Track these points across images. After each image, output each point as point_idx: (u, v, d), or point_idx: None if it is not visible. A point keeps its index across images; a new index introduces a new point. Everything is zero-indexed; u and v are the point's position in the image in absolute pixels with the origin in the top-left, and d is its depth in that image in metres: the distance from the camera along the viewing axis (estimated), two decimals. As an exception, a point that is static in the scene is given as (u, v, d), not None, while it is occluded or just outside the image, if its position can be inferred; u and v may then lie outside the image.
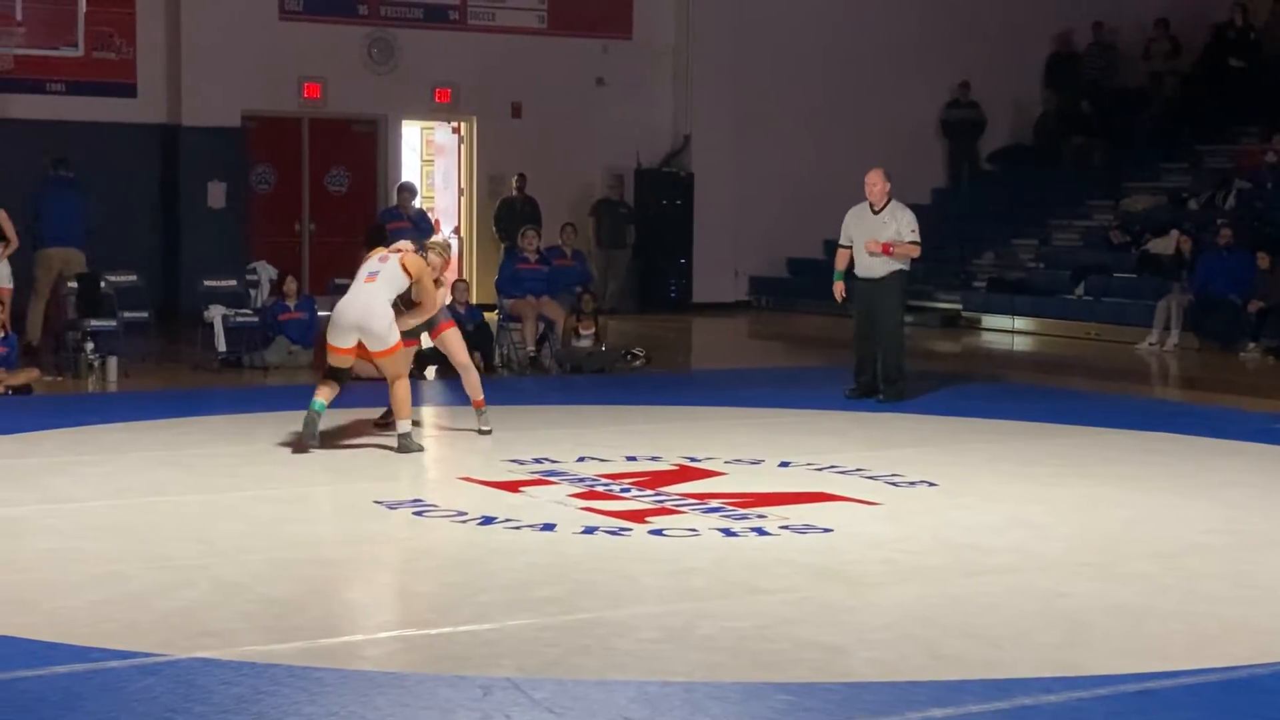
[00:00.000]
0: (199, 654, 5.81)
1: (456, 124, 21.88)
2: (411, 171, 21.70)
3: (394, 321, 10.23)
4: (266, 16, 20.14)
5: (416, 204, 18.52)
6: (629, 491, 9.03)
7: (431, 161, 22.71)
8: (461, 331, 14.66)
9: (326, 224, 20.73)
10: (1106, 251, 20.52)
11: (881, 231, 12.76)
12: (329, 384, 10.32)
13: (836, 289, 13.13)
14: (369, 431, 11.40)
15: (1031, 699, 5.46)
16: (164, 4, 19.75)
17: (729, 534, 7.95)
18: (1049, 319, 19.56)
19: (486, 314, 16.09)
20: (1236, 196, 20.10)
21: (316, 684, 5.50)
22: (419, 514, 8.42)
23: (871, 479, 9.46)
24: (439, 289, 10.94)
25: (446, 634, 6.20)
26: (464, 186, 21.93)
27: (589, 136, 21.78)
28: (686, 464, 9.92)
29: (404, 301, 10.43)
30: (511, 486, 9.13)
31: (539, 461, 9.91)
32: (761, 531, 8.01)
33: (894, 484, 9.34)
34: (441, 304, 11.01)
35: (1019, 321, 19.85)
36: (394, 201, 18.31)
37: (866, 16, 23.10)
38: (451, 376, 14.47)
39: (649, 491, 9.04)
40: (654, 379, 14.90)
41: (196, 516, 8.30)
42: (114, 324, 14.63)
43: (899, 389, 12.81)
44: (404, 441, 10.26)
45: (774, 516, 8.34)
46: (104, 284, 15.22)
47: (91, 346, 14.02)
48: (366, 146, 21.14)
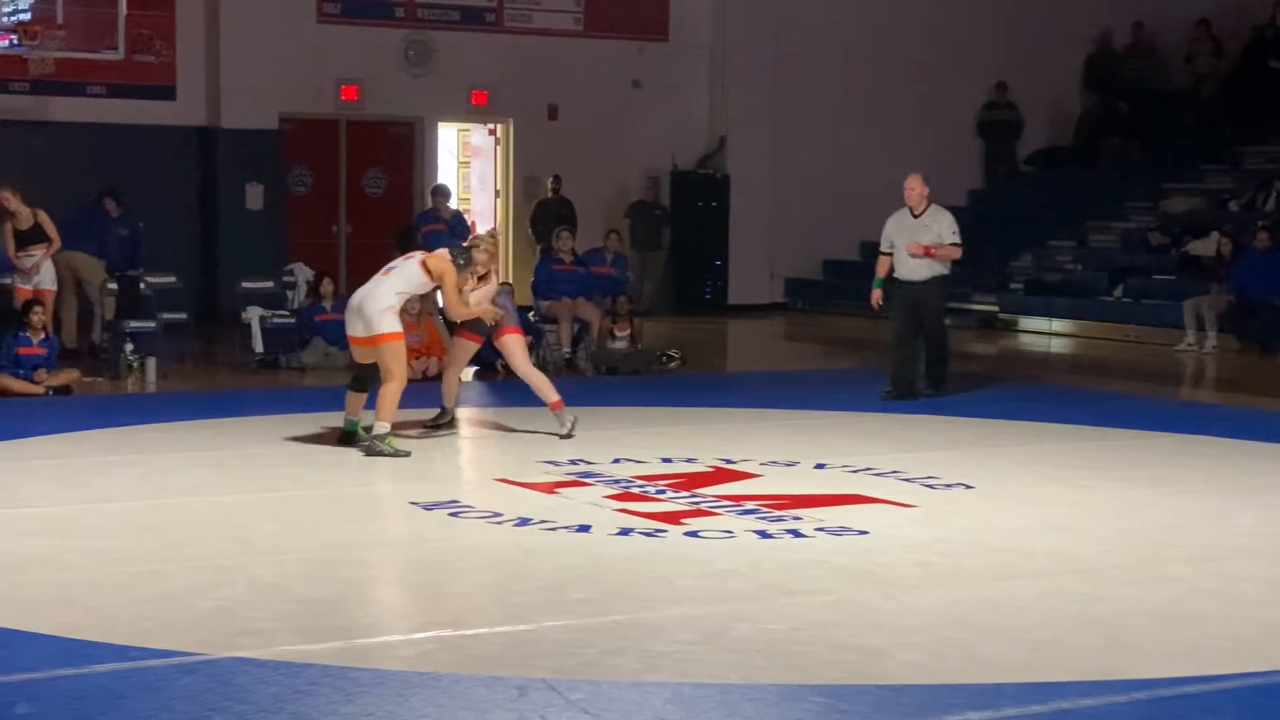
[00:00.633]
0: (237, 653, 5.84)
1: (493, 126, 21.92)
2: (448, 173, 21.75)
3: (389, 312, 10.14)
4: (304, 19, 20.22)
5: (452, 206, 18.56)
6: (664, 493, 9.03)
7: (468, 163, 22.76)
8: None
9: (363, 226, 20.79)
10: (1145, 253, 20.43)
11: (923, 235, 12.85)
12: (353, 396, 10.41)
13: (874, 297, 13.22)
14: (408, 432, 11.45)
15: (1069, 703, 5.44)
16: (203, 7, 19.86)
17: (764, 536, 7.94)
18: (1086, 321, 19.47)
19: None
20: (1277, 198, 19.98)
21: (353, 684, 5.52)
22: (455, 515, 8.44)
23: (907, 481, 9.44)
24: (485, 283, 10.87)
25: (482, 635, 6.21)
26: (500, 188, 21.96)
27: (625, 138, 21.79)
28: (722, 465, 9.92)
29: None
30: (547, 488, 9.14)
31: (574, 463, 9.92)
32: (797, 533, 8.01)
33: (930, 486, 9.32)
34: (488, 297, 10.88)
35: (1056, 323, 19.77)
36: (430, 204, 18.36)
37: (904, 17, 23.04)
38: (490, 379, 14.53)
39: (684, 493, 9.04)
40: (689, 380, 14.89)
41: (234, 516, 8.35)
42: (153, 325, 14.72)
43: (946, 386, 13.08)
44: (374, 444, 10.05)
45: (809, 518, 8.33)
46: (143, 285, 15.31)
47: (131, 347, 14.11)
48: (403, 148, 21.19)
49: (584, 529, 8.05)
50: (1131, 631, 6.37)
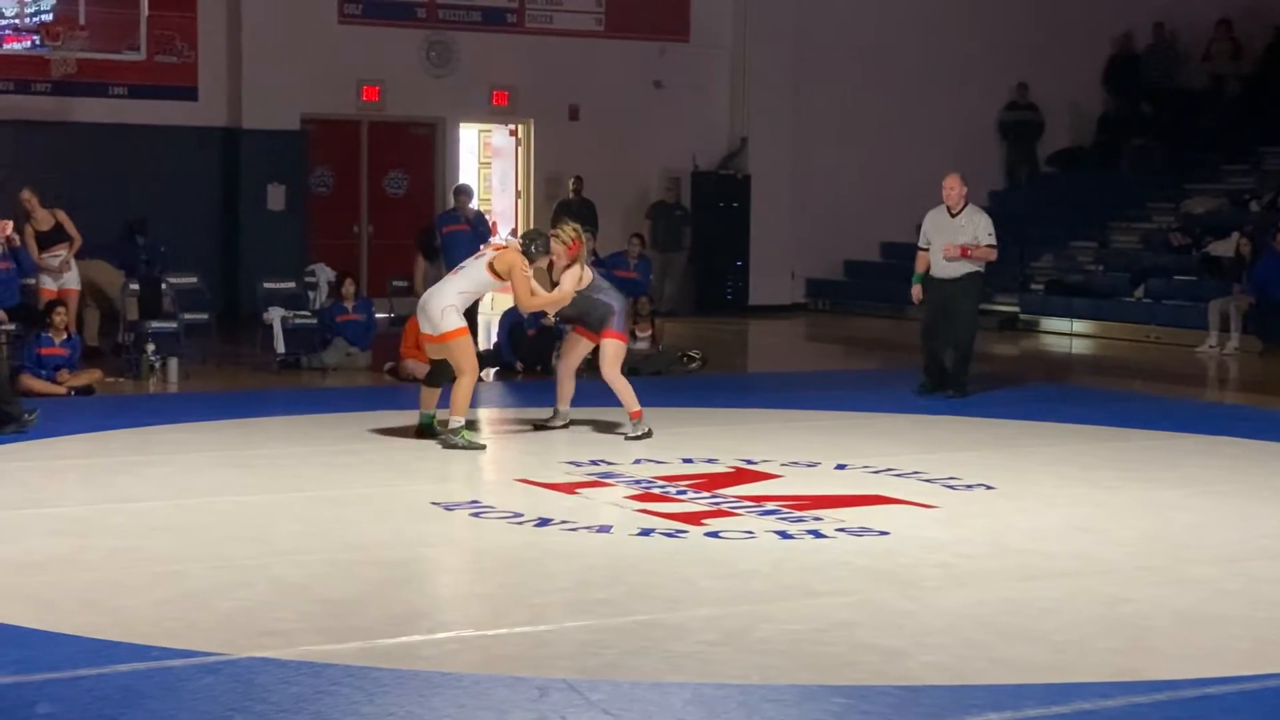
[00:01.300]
0: (258, 653, 5.85)
1: (514, 126, 21.94)
2: (469, 174, 21.78)
3: (450, 310, 10.30)
4: (326, 20, 20.27)
5: (474, 206, 18.58)
6: (685, 494, 9.03)
7: (489, 164, 22.79)
8: (522, 334, 14.78)
9: (385, 226, 20.83)
10: (1166, 254, 20.37)
11: (959, 234, 12.98)
12: (427, 391, 10.68)
13: (914, 292, 13.39)
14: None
15: (1090, 704, 5.43)
16: (225, 8, 19.91)
17: (785, 536, 7.93)
18: (1108, 322, 19.43)
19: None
20: (1298, 199, 19.93)
21: (374, 684, 5.53)
22: (476, 515, 8.45)
23: (929, 482, 9.42)
24: (569, 271, 10.73)
25: (503, 635, 6.22)
26: (521, 189, 21.99)
27: (646, 139, 21.79)
28: (743, 466, 9.91)
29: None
30: (568, 488, 9.14)
31: (595, 463, 9.93)
32: (818, 534, 8.00)
33: (951, 487, 9.30)
34: (577, 286, 10.76)
35: (1077, 324, 19.72)
36: (451, 204, 18.38)
37: (925, 17, 23.02)
38: (510, 379, 14.55)
39: (705, 494, 9.04)
40: (710, 381, 14.88)
41: (256, 517, 8.36)
42: (175, 326, 14.75)
43: (965, 388, 13.10)
44: (449, 438, 10.36)
45: (830, 519, 8.32)
46: (165, 286, 15.35)
47: (153, 348, 14.14)
48: (425, 149, 21.23)
49: (605, 529, 8.05)
50: (1154, 633, 6.35)
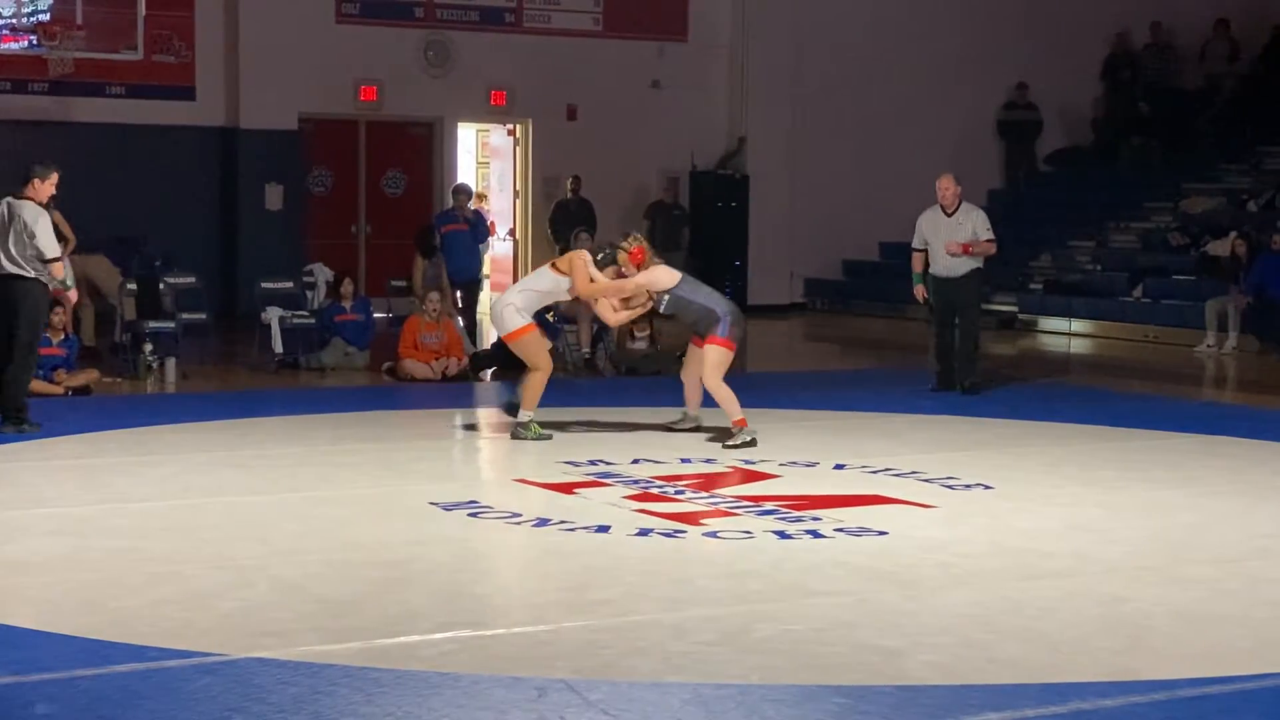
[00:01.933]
0: (257, 654, 5.84)
1: (512, 126, 21.94)
2: (467, 174, 21.79)
3: (510, 308, 10.73)
4: (324, 20, 20.27)
5: (472, 206, 18.58)
6: (683, 493, 9.03)
7: (487, 164, 22.80)
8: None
9: (383, 226, 20.84)
10: (1165, 253, 20.38)
11: (958, 233, 13.25)
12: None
13: (918, 292, 13.71)
14: (424, 433, 11.50)
15: (1088, 704, 5.43)
16: (223, 8, 19.91)
17: (784, 536, 7.93)
18: (1106, 321, 19.44)
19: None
20: (1296, 198, 19.94)
21: (373, 684, 5.53)
22: (474, 515, 8.44)
23: (927, 482, 9.42)
24: (635, 277, 10.78)
25: (502, 635, 6.22)
26: (519, 189, 21.99)
27: (644, 138, 21.79)
28: (741, 466, 9.91)
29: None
30: (566, 488, 9.14)
31: (594, 463, 9.92)
32: (816, 534, 7.99)
33: (950, 487, 9.30)
34: (655, 289, 10.81)
35: (1076, 324, 19.73)
36: (450, 204, 18.38)
37: (923, 17, 23.02)
38: (509, 379, 14.54)
39: (703, 493, 9.04)
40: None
41: (255, 517, 8.36)
42: (172, 325, 14.74)
43: (979, 384, 13.38)
44: (517, 430, 10.71)
45: (829, 519, 8.32)
46: (162, 286, 15.33)
47: (150, 348, 14.13)
48: (422, 149, 21.23)
49: (603, 529, 8.05)
50: (1153, 633, 6.35)
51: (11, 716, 5.21)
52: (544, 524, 8.19)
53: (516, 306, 10.75)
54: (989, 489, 9.27)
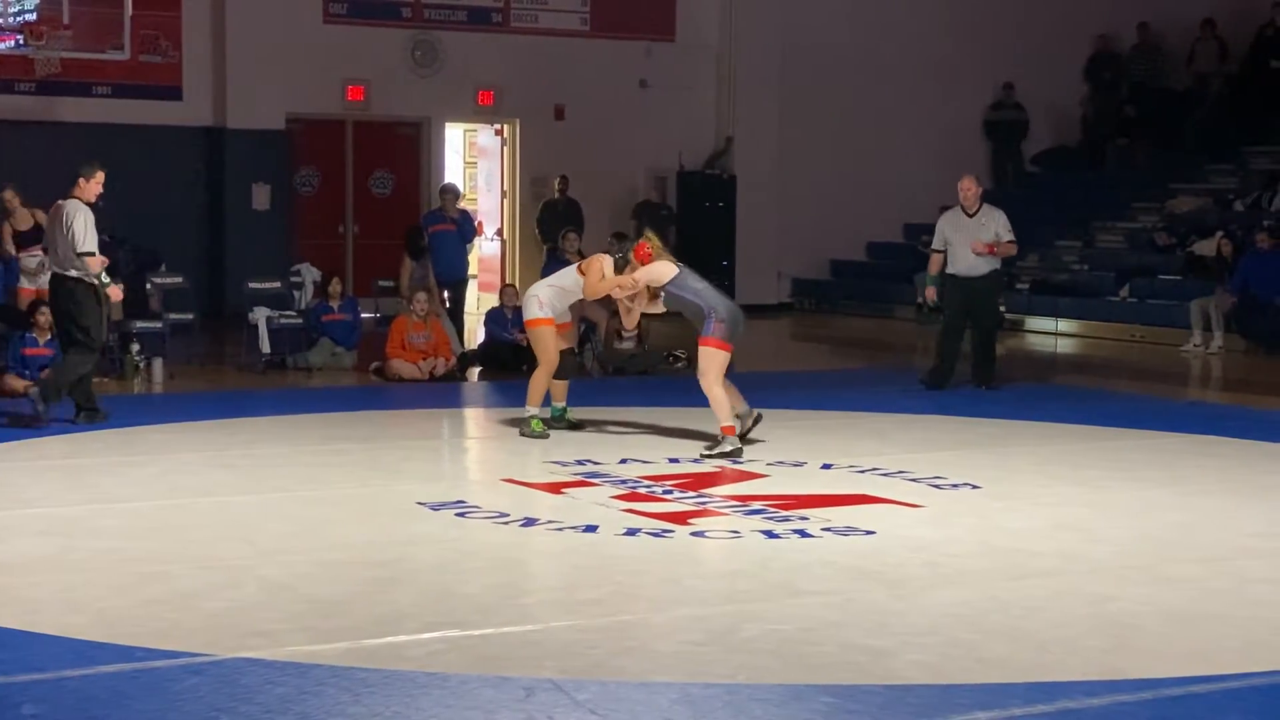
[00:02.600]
0: (244, 654, 5.84)
1: (499, 126, 21.93)
2: (454, 174, 21.76)
3: (532, 300, 10.95)
4: (311, 19, 20.24)
5: (460, 206, 18.57)
6: (671, 493, 9.03)
7: (474, 164, 22.78)
8: (502, 342, 14.79)
9: (370, 226, 20.81)
10: (1151, 253, 20.42)
11: (982, 233, 13.42)
12: (553, 383, 11.03)
13: (929, 294, 13.90)
14: (412, 433, 11.49)
15: (1075, 702, 5.44)
16: (209, 7, 19.88)
17: (771, 536, 7.94)
18: (1093, 321, 19.47)
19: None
20: (1282, 198, 19.98)
21: (360, 684, 5.52)
22: (462, 515, 8.44)
23: (915, 481, 9.43)
24: (635, 273, 10.72)
25: (489, 635, 6.21)
26: (506, 189, 21.98)
27: (631, 138, 21.79)
28: (728, 466, 9.92)
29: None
30: (554, 488, 9.14)
31: (581, 463, 9.92)
32: (804, 534, 8.00)
33: (938, 486, 9.31)
34: (656, 283, 10.72)
35: (1063, 324, 19.76)
36: (437, 204, 18.37)
37: (911, 18, 23.04)
38: (496, 379, 14.54)
39: (691, 493, 9.04)
40: (695, 380, 14.82)
41: (242, 517, 8.35)
42: (159, 326, 14.71)
43: (996, 382, 13.63)
44: (521, 427, 10.84)
45: (816, 519, 8.32)
46: (150, 286, 15.31)
47: (137, 348, 14.11)
48: (410, 149, 21.21)
49: (591, 529, 8.05)
50: (1141, 632, 6.36)
51: (-2, 717, 5.20)
52: (532, 524, 8.19)
53: (541, 300, 10.96)
54: (976, 489, 9.28)
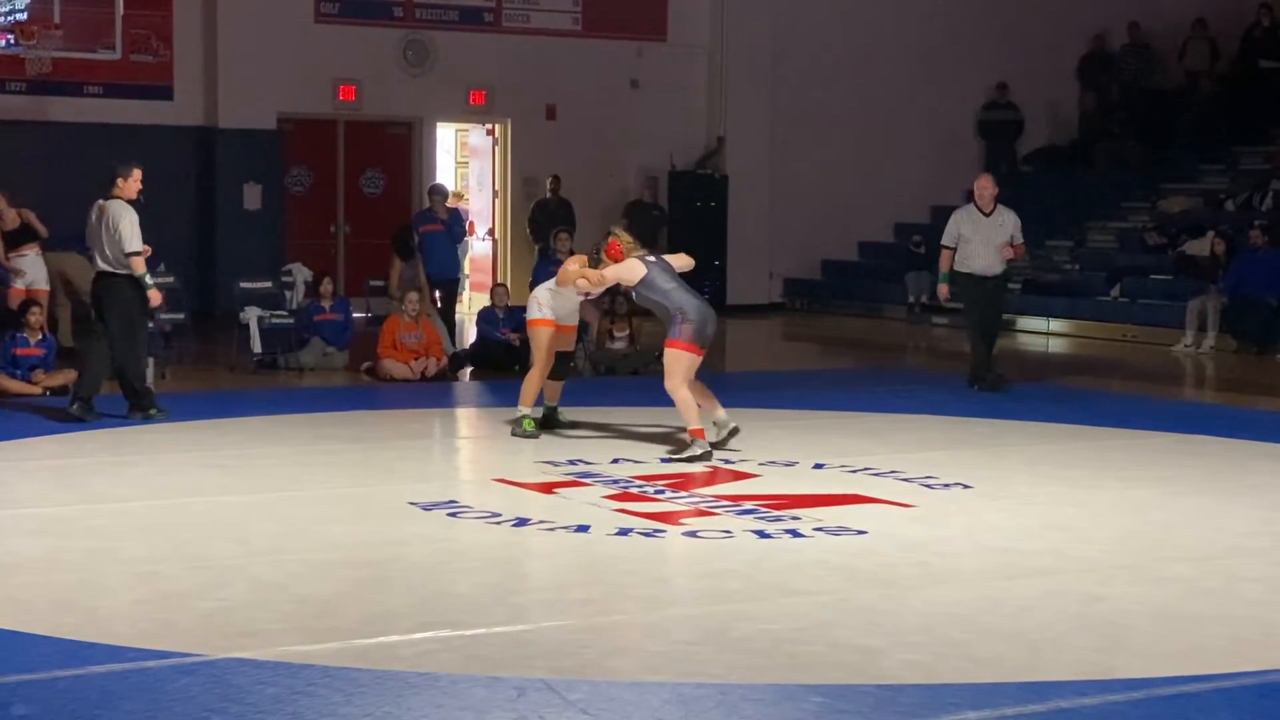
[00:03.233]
0: (235, 654, 5.83)
1: (491, 126, 21.92)
2: (446, 173, 21.76)
3: (532, 300, 11.06)
4: (302, 19, 20.22)
5: (449, 205, 18.56)
6: (663, 493, 9.03)
7: (466, 163, 22.77)
8: (494, 342, 14.79)
9: (362, 226, 20.80)
10: (1143, 253, 20.44)
11: (998, 233, 13.58)
12: (548, 383, 11.06)
13: (942, 290, 13.98)
14: (404, 433, 11.48)
15: (1067, 702, 5.44)
16: (201, 7, 19.86)
17: (763, 536, 7.94)
18: (1084, 321, 19.49)
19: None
20: (1274, 197, 19.98)
21: (352, 684, 5.52)
22: (453, 515, 8.43)
23: (906, 481, 9.44)
24: (605, 270, 10.68)
25: (481, 635, 6.21)
26: (498, 188, 21.97)
27: (623, 138, 21.79)
28: (720, 465, 9.92)
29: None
30: (546, 488, 9.14)
31: (573, 463, 9.92)
32: (796, 533, 8.00)
33: (929, 486, 9.32)
34: (628, 282, 10.68)
35: (1054, 323, 19.77)
36: (427, 204, 18.36)
37: (903, 17, 23.06)
38: (487, 379, 14.53)
39: (683, 493, 9.04)
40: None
41: (234, 517, 8.34)
42: (150, 325, 14.66)
43: (1004, 382, 13.86)
44: (513, 427, 10.86)
45: (808, 518, 8.33)
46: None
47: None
48: (401, 148, 21.20)
49: (583, 529, 8.04)
50: (1131, 631, 6.37)
51: (-11, 718, 5.20)
52: (523, 524, 8.18)
53: (540, 302, 11.05)
54: (968, 488, 9.29)
